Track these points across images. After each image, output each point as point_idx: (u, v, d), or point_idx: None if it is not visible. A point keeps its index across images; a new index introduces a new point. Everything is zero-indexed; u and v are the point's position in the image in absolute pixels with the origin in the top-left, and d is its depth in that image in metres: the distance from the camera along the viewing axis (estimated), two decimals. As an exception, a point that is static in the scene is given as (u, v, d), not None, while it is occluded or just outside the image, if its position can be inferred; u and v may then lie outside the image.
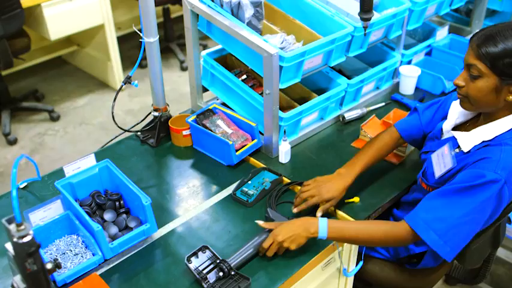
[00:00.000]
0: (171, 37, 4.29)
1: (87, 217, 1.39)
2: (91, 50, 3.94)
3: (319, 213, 1.52)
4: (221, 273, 1.35)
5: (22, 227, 1.00)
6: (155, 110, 1.88)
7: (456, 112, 1.51)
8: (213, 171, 1.76)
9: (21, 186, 1.70)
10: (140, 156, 1.85)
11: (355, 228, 1.42)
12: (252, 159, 1.79)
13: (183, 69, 4.12)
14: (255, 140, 1.78)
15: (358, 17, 1.65)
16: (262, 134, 1.80)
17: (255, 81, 1.92)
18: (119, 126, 1.89)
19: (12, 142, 3.33)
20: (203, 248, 1.41)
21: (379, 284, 1.76)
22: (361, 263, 1.61)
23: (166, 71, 4.15)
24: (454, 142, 1.47)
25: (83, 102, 3.80)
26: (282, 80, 1.67)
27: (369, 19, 1.62)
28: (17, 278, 1.16)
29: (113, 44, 3.68)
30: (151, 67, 1.81)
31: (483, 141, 1.39)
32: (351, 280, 1.71)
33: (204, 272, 1.36)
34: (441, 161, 1.47)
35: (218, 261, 1.37)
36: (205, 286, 1.33)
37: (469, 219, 1.34)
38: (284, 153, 1.75)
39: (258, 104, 1.77)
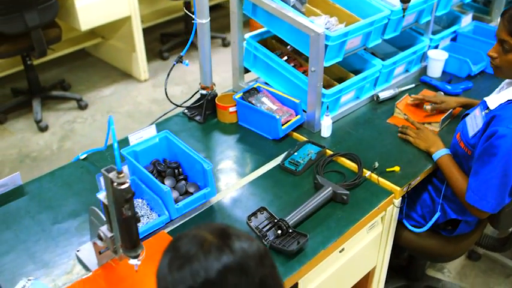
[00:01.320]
0: (192, 29, 4.40)
1: (155, 180, 1.51)
2: (115, 41, 4.06)
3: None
4: (279, 231, 1.47)
5: (122, 174, 1.12)
6: (203, 88, 2.00)
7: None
8: (259, 145, 1.88)
9: (82, 157, 1.82)
10: (188, 131, 1.97)
11: (450, 170, 1.67)
12: (295, 133, 1.91)
13: (204, 61, 4.23)
14: (299, 116, 1.90)
15: (392, 2, 1.77)
16: (304, 111, 1.93)
17: (295, 62, 2.04)
18: (171, 101, 2.01)
19: (43, 129, 3.45)
20: (261, 209, 1.52)
21: (413, 250, 1.89)
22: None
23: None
24: (484, 105, 1.64)
25: (108, 92, 3.91)
26: (326, 58, 1.79)
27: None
28: (104, 228, 1.28)
29: (138, 35, 3.80)
30: (202, 48, 1.93)
31: (508, 100, 1.55)
32: (390, 245, 1.83)
33: (264, 230, 1.48)
34: (473, 122, 1.64)
35: (276, 220, 1.49)
36: (265, 243, 1.45)
37: (497, 173, 1.51)
38: (326, 127, 1.87)
39: (301, 82, 1.89)
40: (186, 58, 1.97)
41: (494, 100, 1.58)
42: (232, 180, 1.73)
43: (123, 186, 1.12)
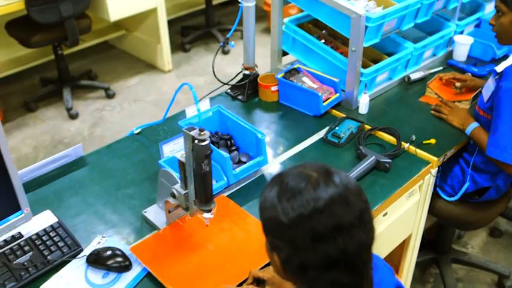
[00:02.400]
0: (212, 23, 4.53)
1: (215, 148, 1.64)
2: (140, 33, 4.19)
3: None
4: None
5: (203, 132, 1.24)
6: (246, 69, 2.12)
7: None
8: (300, 121, 2.00)
9: (136, 131, 1.95)
10: (232, 109, 2.08)
11: (482, 138, 1.81)
12: (333, 110, 2.03)
13: (225, 52, 4.35)
14: (337, 94, 2.02)
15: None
16: (343, 91, 2.05)
17: (332, 44, 2.16)
18: (218, 79, 2.13)
19: (74, 116, 3.57)
20: None
21: (445, 218, 2.02)
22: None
23: (208, 54, 4.39)
24: (495, 72, 1.81)
25: (133, 82, 4.04)
26: (365, 39, 1.92)
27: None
28: (177, 186, 1.40)
29: (163, 27, 3.93)
30: (246, 30, 2.04)
31: None
32: (425, 214, 1.95)
33: None
34: (487, 89, 1.80)
35: None
36: None
37: (510, 125, 1.67)
38: (364, 104, 1.99)
39: (340, 62, 2.02)
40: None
41: (501, 65, 1.76)
42: (278, 151, 1.85)
43: (203, 143, 1.25)
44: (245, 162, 1.72)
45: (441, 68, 2.32)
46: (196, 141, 1.24)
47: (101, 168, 1.78)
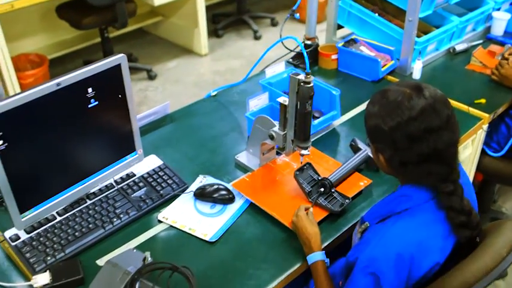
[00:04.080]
0: (243, 10, 4.73)
1: (296, 101, 1.83)
2: (176, 19, 4.38)
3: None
4: (322, 189, 1.55)
5: (309, 76, 1.44)
6: (307, 39, 2.32)
7: None
8: (359, 86, 2.20)
9: (213, 93, 2.15)
10: (295, 76, 2.29)
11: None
12: (389, 76, 2.24)
13: (256, 38, 4.56)
14: (393, 61, 2.23)
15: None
16: (397, 59, 2.25)
17: (385, 17, 2.36)
18: (285, 47, 2.29)
19: (120, 95, 3.77)
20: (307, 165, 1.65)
21: (491, 173, 2.22)
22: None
23: (240, 40, 4.59)
24: None
25: (172, 65, 4.24)
26: (420, 10, 2.12)
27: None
28: (275, 129, 1.60)
29: (201, 12, 4.13)
30: (310, 3, 2.24)
31: None
32: (474, 167, 2.16)
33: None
34: None
35: (320, 178, 1.59)
36: (310, 200, 1.56)
37: None
38: (418, 70, 2.20)
39: (394, 33, 2.22)
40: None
41: None
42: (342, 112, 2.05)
43: (309, 85, 1.45)
44: (318, 117, 1.92)
45: (481, 41, 2.52)
46: (302, 83, 1.45)
47: (188, 124, 1.98)
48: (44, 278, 1.36)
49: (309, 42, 2.32)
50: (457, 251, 1.25)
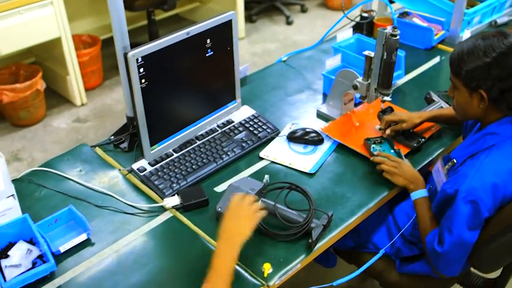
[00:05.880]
0: (276, -3, 4.98)
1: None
2: (213, 5, 4.62)
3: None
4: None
5: (396, 29, 1.68)
6: (364, 12, 2.56)
7: None
8: (414, 53, 2.43)
9: (284, 59, 2.38)
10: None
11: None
12: (440, 45, 2.48)
13: (289, 23, 4.79)
14: (443, 31, 2.47)
15: None
16: (447, 30, 2.49)
17: (433, -7, 2.61)
18: (348, 17, 2.53)
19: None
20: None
21: None
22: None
23: (273, 25, 4.83)
24: None
25: (211, 48, 4.46)
26: (470, -17, 2.37)
27: None
28: (359, 79, 1.83)
29: (240, -3, 4.37)
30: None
31: None
32: None
33: None
34: None
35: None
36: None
37: None
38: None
39: (445, 5, 2.46)
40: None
41: None
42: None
43: (395, 38, 1.68)
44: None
45: (518, 16, 2.77)
46: (390, 36, 1.68)
47: (265, 83, 2.22)
48: (174, 200, 1.59)
49: (365, 14, 2.56)
50: None
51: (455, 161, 1.56)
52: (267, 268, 1.38)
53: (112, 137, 1.87)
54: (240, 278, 1.37)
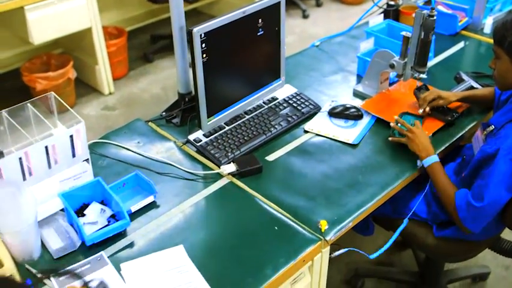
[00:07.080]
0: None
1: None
2: (232, -2, 4.76)
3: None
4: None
5: (433, 10, 1.81)
6: (391, 0, 2.69)
7: None
8: (438, 39, 2.55)
9: (317, 43, 2.51)
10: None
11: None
12: (463, 31, 2.61)
13: (305, 17, 4.92)
14: (467, 18, 2.60)
15: None
16: (470, 18, 2.62)
17: (456, -18, 2.74)
18: (377, 5, 2.67)
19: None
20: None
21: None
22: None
23: (289, 19, 4.96)
24: None
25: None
26: (493, -28, 2.50)
27: None
28: (396, 59, 1.96)
29: (259, -9, 4.49)
30: (396, -33, 2.60)
31: None
32: None
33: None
34: None
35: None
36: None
37: None
38: (489, 25, 2.57)
39: (469, -7, 2.60)
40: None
41: None
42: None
43: (432, 18, 1.82)
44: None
45: (536, 5, 2.90)
46: (428, 16, 1.81)
47: (300, 66, 2.34)
48: (230, 167, 1.72)
49: (392, 2, 2.69)
50: None
51: (493, 127, 1.70)
52: (324, 224, 1.51)
53: (163, 113, 2.00)
54: (299, 234, 1.50)
